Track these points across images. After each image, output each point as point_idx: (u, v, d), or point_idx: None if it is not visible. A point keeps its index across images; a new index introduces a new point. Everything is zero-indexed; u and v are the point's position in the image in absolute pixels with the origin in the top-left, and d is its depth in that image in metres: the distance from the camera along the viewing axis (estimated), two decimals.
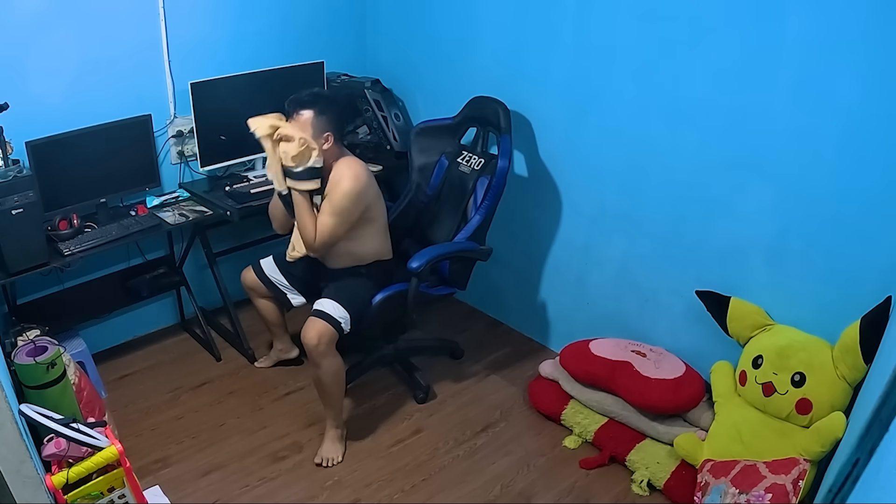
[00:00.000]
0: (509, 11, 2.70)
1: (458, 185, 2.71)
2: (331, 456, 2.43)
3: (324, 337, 2.29)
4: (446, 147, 2.80)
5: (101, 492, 1.89)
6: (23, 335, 2.24)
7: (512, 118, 2.62)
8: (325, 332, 2.30)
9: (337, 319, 2.32)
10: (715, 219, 2.32)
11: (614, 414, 2.45)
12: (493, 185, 2.56)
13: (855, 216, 1.98)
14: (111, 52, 2.59)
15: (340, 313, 2.34)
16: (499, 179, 2.55)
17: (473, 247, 2.55)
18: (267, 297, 2.70)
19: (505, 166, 2.53)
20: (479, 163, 2.66)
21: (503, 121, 2.58)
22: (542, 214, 2.87)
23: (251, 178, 2.97)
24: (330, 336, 2.31)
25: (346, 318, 2.35)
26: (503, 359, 2.99)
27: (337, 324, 2.32)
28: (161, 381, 2.82)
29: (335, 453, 2.44)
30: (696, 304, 2.34)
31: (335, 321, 2.32)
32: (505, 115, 2.59)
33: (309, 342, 2.29)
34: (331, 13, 3.18)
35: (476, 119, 2.74)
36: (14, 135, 2.25)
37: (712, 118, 2.23)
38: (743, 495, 1.93)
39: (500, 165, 2.54)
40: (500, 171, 2.54)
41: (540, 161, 2.78)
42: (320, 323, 2.31)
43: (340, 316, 2.34)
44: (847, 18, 1.86)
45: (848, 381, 1.97)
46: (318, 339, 2.28)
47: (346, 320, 2.35)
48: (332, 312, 2.33)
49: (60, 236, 2.46)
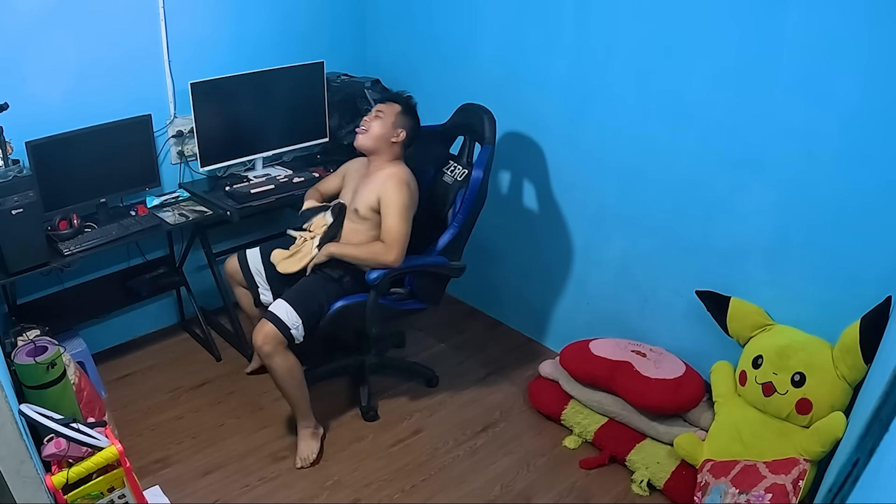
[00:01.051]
0: (509, 11, 2.70)
1: (441, 196, 2.59)
2: (305, 455, 2.41)
3: (271, 340, 2.24)
4: (434, 155, 2.67)
5: (101, 492, 1.89)
6: (23, 335, 2.24)
7: (512, 118, 2.62)
8: (272, 337, 2.25)
9: (287, 325, 2.26)
10: (715, 219, 2.32)
11: (614, 414, 2.45)
12: (466, 197, 2.40)
13: (855, 216, 1.98)
14: (111, 52, 2.60)
15: (292, 320, 2.27)
16: (471, 192, 2.38)
17: (441, 262, 2.41)
18: (244, 286, 2.63)
19: (479, 177, 2.38)
20: (463, 174, 2.52)
21: (487, 130, 2.44)
22: (542, 214, 2.87)
23: (251, 178, 2.97)
24: (277, 340, 2.25)
25: (299, 325, 2.28)
26: (503, 359, 2.99)
27: (286, 329, 2.26)
28: (161, 381, 2.82)
29: (309, 451, 2.42)
30: (696, 304, 2.34)
31: (285, 327, 2.26)
32: (490, 125, 2.45)
33: (255, 342, 2.27)
34: (331, 13, 3.18)
35: (464, 127, 2.61)
36: (14, 135, 2.25)
37: (712, 118, 2.23)
38: (743, 495, 1.93)
39: (474, 176, 2.38)
40: (473, 182, 2.38)
41: (540, 161, 2.78)
42: (269, 326, 2.26)
43: (292, 323, 2.27)
44: (847, 18, 1.86)
45: (848, 381, 1.97)
46: (263, 342, 2.25)
47: (297, 327, 2.27)
48: (284, 317, 2.27)
49: (60, 236, 2.46)
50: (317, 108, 3.11)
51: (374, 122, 2.41)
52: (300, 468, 2.39)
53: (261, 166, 3.06)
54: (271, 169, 3.07)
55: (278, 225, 3.17)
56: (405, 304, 2.51)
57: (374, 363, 2.78)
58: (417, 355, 2.99)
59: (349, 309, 2.36)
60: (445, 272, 2.47)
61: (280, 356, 2.28)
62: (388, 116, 2.41)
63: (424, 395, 2.77)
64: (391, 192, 2.32)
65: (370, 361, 2.76)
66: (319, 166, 3.13)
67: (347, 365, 2.81)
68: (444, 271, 2.46)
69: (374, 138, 2.40)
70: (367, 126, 2.42)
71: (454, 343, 3.10)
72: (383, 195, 2.33)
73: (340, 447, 2.50)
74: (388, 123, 2.40)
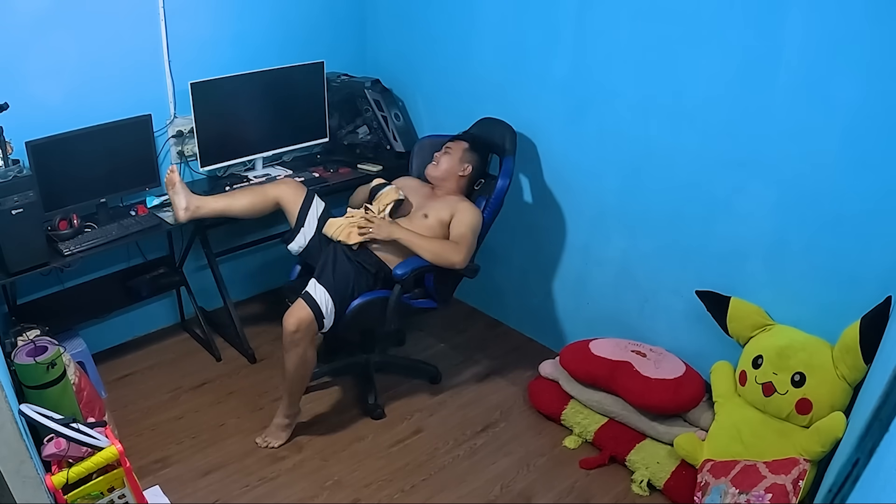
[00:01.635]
0: (509, 12, 2.70)
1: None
2: (269, 440, 2.49)
3: (305, 327, 2.29)
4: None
5: (101, 492, 1.89)
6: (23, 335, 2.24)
7: (512, 118, 2.62)
8: (307, 323, 2.29)
9: (322, 312, 2.31)
10: (715, 219, 2.32)
11: (614, 414, 2.45)
12: (490, 203, 2.56)
13: (855, 216, 1.98)
14: (111, 52, 2.59)
15: (328, 307, 2.33)
16: (496, 199, 2.56)
17: None
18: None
19: (504, 186, 2.54)
20: (479, 183, 2.69)
21: (508, 143, 2.60)
22: (542, 214, 2.87)
23: (251, 178, 2.97)
24: (310, 328, 2.30)
25: (332, 313, 2.34)
26: (503, 359, 2.99)
27: (321, 316, 2.31)
28: (161, 381, 2.82)
29: (274, 439, 2.49)
30: (696, 304, 2.34)
31: (320, 313, 2.31)
32: (511, 139, 2.60)
33: (288, 327, 2.29)
34: (331, 13, 3.18)
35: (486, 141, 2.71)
36: (14, 135, 2.25)
37: (712, 118, 2.23)
38: (743, 495, 1.93)
39: (500, 185, 2.55)
40: (498, 190, 2.55)
41: (540, 161, 2.78)
42: (306, 311, 2.30)
43: (327, 310, 2.32)
44: (847, 18, 1.86)
45: (848, 381, 1.97)
46: (296, 326, 2.28)
47: (330, 315, 2.34)
48: (322, 303, 2.32)
49: (60, 236, 2.46)
50: (317, 108, 3.11)
51: (444, 157, 2.63)
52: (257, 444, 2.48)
53: (261, 166, 3.06)
54: (271, 169, 3.07)
55: (278, 225, 3.17)
56: (419, 302, 2.59)
57: (378, 361, 2.79)
58: (417, 355, 2.99)
59: (372, 304, 2.43)
60: (462, 272, 2.54)
61: (306, 346, 2.33)
62: (455, 153, 2.62)
63: (425, 395, 2.77)
64: (467, 212, 2.51)
65: (374, 360, 2.77)
66: (319, 166, 3.13)
67: (352, 363, 2.81)
68: (462, 271, 2.53)
69: (443, 171, 2.62)
70: (437, 161, 2.63)
71: (454, 343, 3.10)
72: (458, 213, 2.51)
73: (340, 447, 2.50)
74: (455, 159, 2.61)
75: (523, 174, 2.88)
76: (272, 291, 3.38)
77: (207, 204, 2.60)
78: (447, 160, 2.61)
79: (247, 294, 3.32)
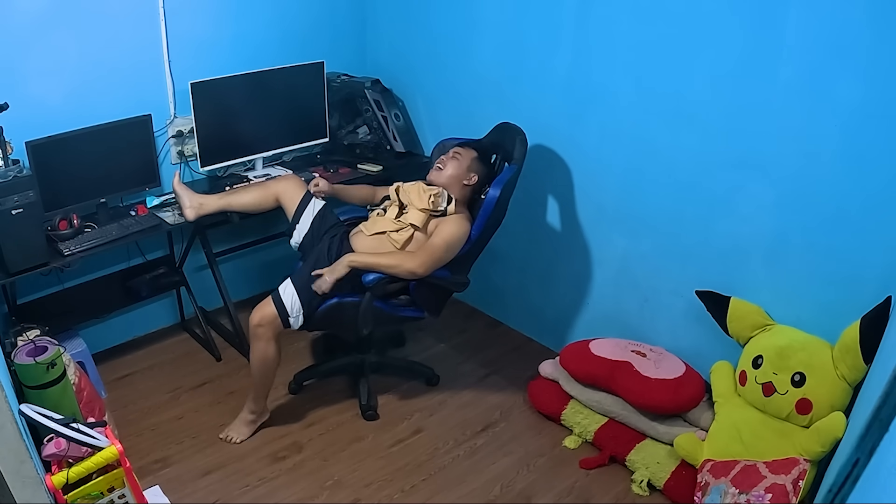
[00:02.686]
0: (509, 11, 2.70)
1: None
2: (233, 435, 2.50)
3: (268, 323, 2.33)
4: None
5: (101, 492, 1.89)
6: (23, 335, 2.24)
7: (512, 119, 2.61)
8: (270, 320, 2.33)
9: (287, 312, 2.34)
10: (715, 219, 2.32)
11: (614, 414, 2.45)
12: (480, 214, 2.42)
13: (855, 216, 1.98)
14: (111, 52, 2.59)
15: (295, 308, 2.35)
16: (485, 210, 2.39)
17: (443, 275, 2.41)
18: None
19: (494, 196, 2.36)
20: (485, 191, 2.52)
21: (517, 150, 2.46)
22: (542, 214, 2.87)
23: (251, 178, 2.97)
24: (273, 325, 2.33)
25: (299, 315, 2.36)
26: (503, 359, 2.99)
27: (286, 316, 2.34)
28: (161, 381, 2.82)
29: (237, 434, 2.51)
30: (696, 304, 2.34)
31: (285, 313, 2.34)
32: (521, 146, 2.46)
33: (252, 320, 2.34)
34: (331, 13, 3.18)
35: (498, 145, 2.63)
36: (14, 135, 2.25)
37: (712, 118, 2.23)
38: (743, 495, 1.93)
39: (490, 194, 2.38)
40: (487, 200, 2.38)
41: (540, 161, 2.78)
42: (270, 308, 2.34)
43: (293, 310, 2.35)
44: (847, 18, 1.86)
45: (848, 381, 1.97)
46: (259, 322, 2.33)
47: (297, 316, 2.36)
48: (288, 304, 2.34)
49: (60, 236, 2.46)
50: (317, 108, 3.11)
51: (451, 162, 2.52)
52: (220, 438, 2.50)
53: (261, 166, 3.06)
54: (271, 169, 3.07)
55: (278, 225, 3.17)
56: (404, 310, 2.52)
57: (373, 362, 2.78)
58: (417, 355, 2.99)
59: (342, 307, 2.39)
60: (445, 285, 2.48)
61: (267, 342, 2.35)
62: (464, 160, 2.52)
63: (424, 395, 2.77)
64: (450, 223, 2.41)
65: (370, 360, 2.76)
66: (319, 166, 3.13)
67: (347, 364, 2.81)
68: (444, 284, 2.46)
69: (447, 177, 2.51)
70: (443, 165, 2.53)
71: (454, 343, 3.10)
72: (442, 223, 2.41)
73: (340, 447, 2.50)
74: (463, 166, 2.51)
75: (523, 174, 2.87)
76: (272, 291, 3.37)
77: (209, 202, 2.61)
78: (454, 166, 2.51)
79: (247, 294, 3.32)
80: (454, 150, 2.57)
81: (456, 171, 2.51)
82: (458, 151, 2.55)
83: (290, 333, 3.06)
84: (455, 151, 2.55)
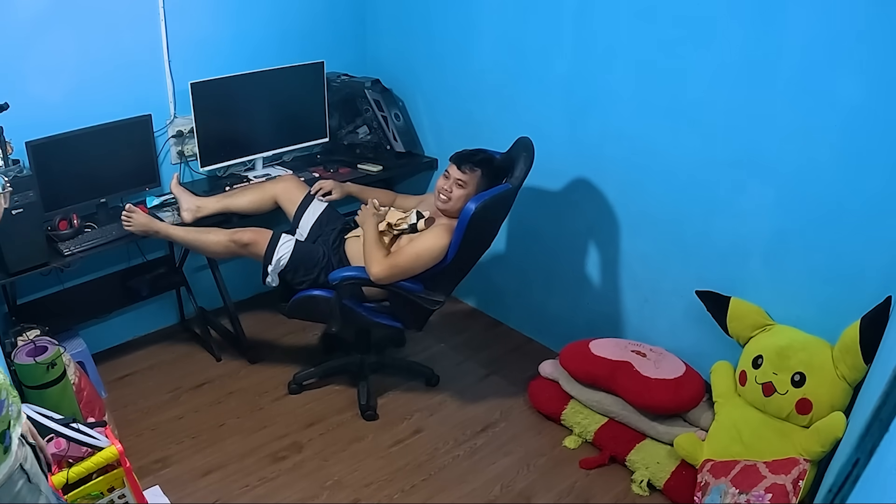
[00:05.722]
0: (509, 11, 2.70)
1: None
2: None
3: (248, 249, 2.43)
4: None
5: (101, 492, 1.89)
6: (23, 335, 2.24)
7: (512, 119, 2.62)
8: (253, 247, 2.43)
9: (273, 259, 2.39)
10: (715, 218, 2.32)
11: (614, 414, 2.45)
12: (455, 230, 2.28)
13: (855, 216, 1.98)
14: (111, 52, 2.60)
15: (281, 260, 2.38)
16: (459, 225, 2.25)
17: (414, 289, 2.34)
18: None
19: (469, 210, 2.20)
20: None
21: (518, 170, 2.33)
22: (542, 214, 2.87)
23: (251, 178, 2.97)
24: (249, 251, 2.44)
25: (276, 272, 2.40)
26: (503, 359, 2.99)
27: (269, 259, 2.41)
28: (161, 381, 2.82)
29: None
30: (696, 304, 2.34)
31: (270, 257, 2.41)
32: (523, 165, 2.34)
33: (242, 236, 2.43)
34: (331, 13, 3.18)
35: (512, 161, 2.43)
36: (14, 135, 2.24)
37: (712, 118, 2.23)
38: (743, 495, 1.93)
39: (465, 209, 2.22)
40: (463, 213, 2.22)
41: (540, 161, 2.77)
42: (264, 240, 2.43)
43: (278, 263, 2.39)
44: (847, 18, 1.86)
45: (848, 381, 1.97)
46: (249, 238, 2.42)
47: (274, 273, 2.40)
48: (277, 255, 2.40)
49: (60, 236, 2.46)
50: (317, 108, 3.11)
51: (456, 191, 2.39)
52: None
53: (261, 166, 3.06)
54: (271, 169, 3.07)
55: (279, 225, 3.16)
56: (379, 316, 2.51)
57: (373, 362, 2.78)
58: (417, 355, 2.99)
59: (314, 300, 2.45)
60: (413, 299, 2.37)
61: (232, 252, 2.47)
62: (469, 186, 2.39)
63: (424, 395, 2.77)
64: (428, 234, 2.37)
65: (370, 360, 2.76)
66: (319, 166, 3.13)
67: (347, 364, 2.81)
68: (413, 298, 2.37)
69: (454, 210, 2.40)
70: (448, 196, 2.40)
71: (454, 343, 3.10)
72: (422, 234, 2.39)
73: (340, 447, 2.50)
74: (469, 193, 2.38)
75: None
76: (272, 291, 3.37)
77: (207, 205, 2.61)
78: (462, 196, 2.37)
79: (247, 294, 3.32)
80: (458, 178, 2.39)
81: (461, 203, 2.35)
82: (463, 180, 2.38)
83: (290, 333, 3.11)
84: (460, 179, 2.38)
